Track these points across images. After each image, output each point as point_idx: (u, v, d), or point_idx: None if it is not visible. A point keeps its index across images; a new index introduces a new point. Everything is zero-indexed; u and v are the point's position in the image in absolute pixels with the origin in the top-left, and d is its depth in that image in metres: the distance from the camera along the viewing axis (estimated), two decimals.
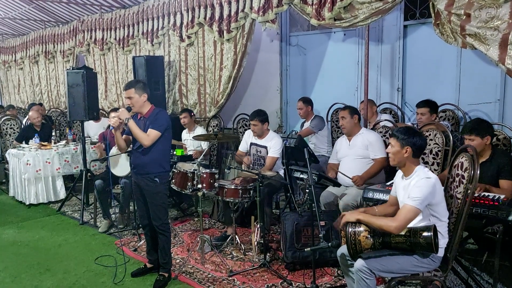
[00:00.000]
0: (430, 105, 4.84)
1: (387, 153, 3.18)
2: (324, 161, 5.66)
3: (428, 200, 2.86)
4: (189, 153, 5.98)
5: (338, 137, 5.93)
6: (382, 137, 4.74)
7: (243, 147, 5.36)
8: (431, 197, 2.87)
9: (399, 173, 3.17)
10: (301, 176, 4.29)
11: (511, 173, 3.58)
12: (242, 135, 5.62)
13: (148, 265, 4.23)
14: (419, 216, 2.96)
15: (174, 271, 4.16)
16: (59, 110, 9.64)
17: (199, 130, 6.16)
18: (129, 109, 3.89)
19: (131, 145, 4.10)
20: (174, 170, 4.52)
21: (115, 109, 5.78)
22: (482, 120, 3.83)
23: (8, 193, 7.05)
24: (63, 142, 7.04)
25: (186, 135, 6.32)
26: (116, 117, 3.88)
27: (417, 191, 2.85)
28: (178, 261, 4.44)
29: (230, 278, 4.01)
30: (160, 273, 4.02)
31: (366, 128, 4.85)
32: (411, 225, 2.99)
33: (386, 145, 3.78)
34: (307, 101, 5.98)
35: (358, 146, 4.53)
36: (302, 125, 6.18)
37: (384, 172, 4.59)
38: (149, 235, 4.15)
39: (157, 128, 3.83)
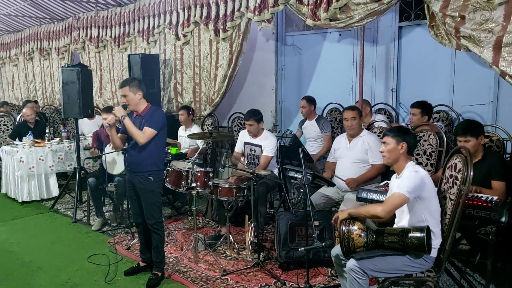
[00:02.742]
0: (422, 106, 4.87)
1: (381, 153, 3.20)
2: (321, 160, 5.66)
3: (417, 191, 2.90)
4: (183, 151, 5.97)
5: (333, 137, 5.94)
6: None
7: (238, 147, 5.35)
8: (420, 189, 2.91)
9: (394, 176, 3.19)
10: (296, 175, 4.29)
11: (502, 173, 3.59)
12: (237, 134, 5.60)
13: (141, 264, 4.21)
14: (411, 212, 2.99)
15: (167, 270, 4.15)
16: (53, 107, 9.59)
17: (196, 129, 6.14)
18: (125, 106, 3.86)
19: (126, 143, 4.09)
20: (169, 168, 4.51)
21: (107, 108, 5.74)
22: (473, 120, 3.85)
23: (0, 190, 7.01)
24: (57, 139, 7.00)
25: (182, 132, 6.31)
26: (111, 115, 3.86)
27: (405, 181, 2.94)
28: (171, 260, 4.43)
29: (224, 278, 4.01)
30: (153, 271, 4.00)
31: (367, 130, 4.75)
32: (404, 222, 3.02)
33: None
34: (311, 100, 5.94)
35: (357, 149, 4.42)
36: (301, 124, 6.15)
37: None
38: (143, 233, 4.14)
39: (153, 126, 3.81)
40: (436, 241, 2.97)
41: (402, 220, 3.06)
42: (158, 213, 3.99)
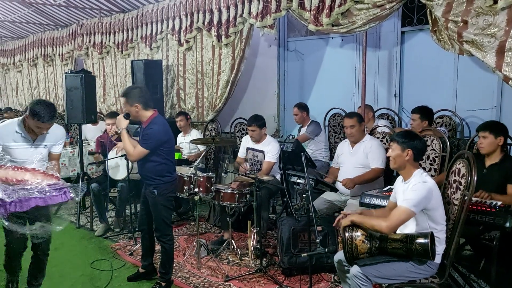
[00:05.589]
0: (421, 111, 4.87)
1: (388, 157, 3.19)
2: (321, 165, 5.66)
3: (423, 204, 2.86)
4: (184, 156, 5.96)
5: (336, 142, 5.93)
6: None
7: (241, 153, 5.36)
8: (427, 201, 2.87)
9: (399, 178, 3.17)
10: (298, 180, 4.28)
11: None
12: (240, 139, 5.60)
13: (141, 270, 4.17)
14: (416, 222, 2.96)
15: None
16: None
17: (195, 134, 6.15)
18: (127, 116, 3.72)
19: None
20: None
21: (111, 114, 5.76)
22: (499, 122, 3.85)
23: None
24: None
25: (181, 138, 6.31)
26: (113, 126, 3.83)
27: (412, 194, 2.87)
28: (174, 265, 4.41)
29: (226, 283, 4.00)
30: (157, 281, 3.95)
31: (371, 135, 4.70)
32: (408, 230, 3.00)
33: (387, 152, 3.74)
34: (302, 107, 5.98)
35: (359, 154, 4.40)
36: (299, 130, 6.18)
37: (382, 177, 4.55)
38: (146, 239, 4.10)
39: (144, 145, 3.63)
40: (440, 247, 2.95)
41: (407, 228, 3.02)
42: (164, 228, 3.85)
